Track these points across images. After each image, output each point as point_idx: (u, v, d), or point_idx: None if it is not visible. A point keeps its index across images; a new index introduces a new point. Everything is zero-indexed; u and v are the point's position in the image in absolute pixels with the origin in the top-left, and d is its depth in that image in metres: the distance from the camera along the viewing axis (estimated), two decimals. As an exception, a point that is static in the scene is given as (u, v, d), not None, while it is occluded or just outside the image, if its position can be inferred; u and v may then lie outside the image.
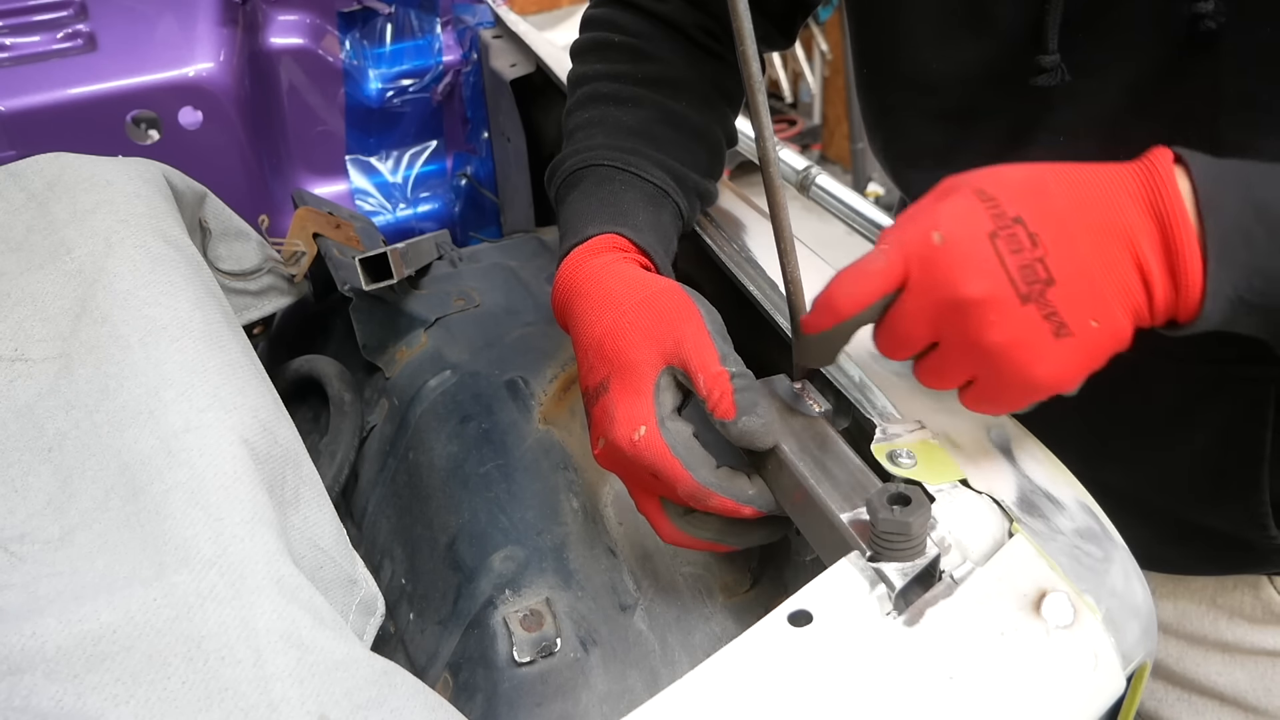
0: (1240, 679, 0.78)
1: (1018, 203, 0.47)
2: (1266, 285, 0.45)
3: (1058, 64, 0.59)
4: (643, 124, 0.73)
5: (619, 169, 0.70)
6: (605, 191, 0.69)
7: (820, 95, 3.67)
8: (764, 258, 0.75)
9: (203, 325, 0.64)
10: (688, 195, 0.73)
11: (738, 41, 0.53)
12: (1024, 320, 0.46)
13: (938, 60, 0.66)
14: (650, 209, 0.69)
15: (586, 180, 0.70)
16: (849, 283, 0.50)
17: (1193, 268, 0.45)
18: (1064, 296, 0.46)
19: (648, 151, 0.71)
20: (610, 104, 0.74)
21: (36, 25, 1.15)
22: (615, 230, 0.65)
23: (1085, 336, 0.46)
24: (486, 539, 0.74)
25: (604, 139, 0.72)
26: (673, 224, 0.71)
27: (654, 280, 0.61)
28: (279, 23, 1.34)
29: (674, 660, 0.65)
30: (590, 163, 0.71)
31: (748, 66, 0.54)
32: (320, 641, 0.47)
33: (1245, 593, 0.76)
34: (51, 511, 0.53)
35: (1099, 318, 0.46)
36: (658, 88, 0.75)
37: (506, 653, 0.65)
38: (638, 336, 0.58)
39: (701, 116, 0.75)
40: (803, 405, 0.59)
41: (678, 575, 0.70)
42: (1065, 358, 0.47)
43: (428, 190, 1.48)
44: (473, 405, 0.86)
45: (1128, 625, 0.49)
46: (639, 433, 0.56)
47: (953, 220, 0.48)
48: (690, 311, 0.58)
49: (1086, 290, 0.46)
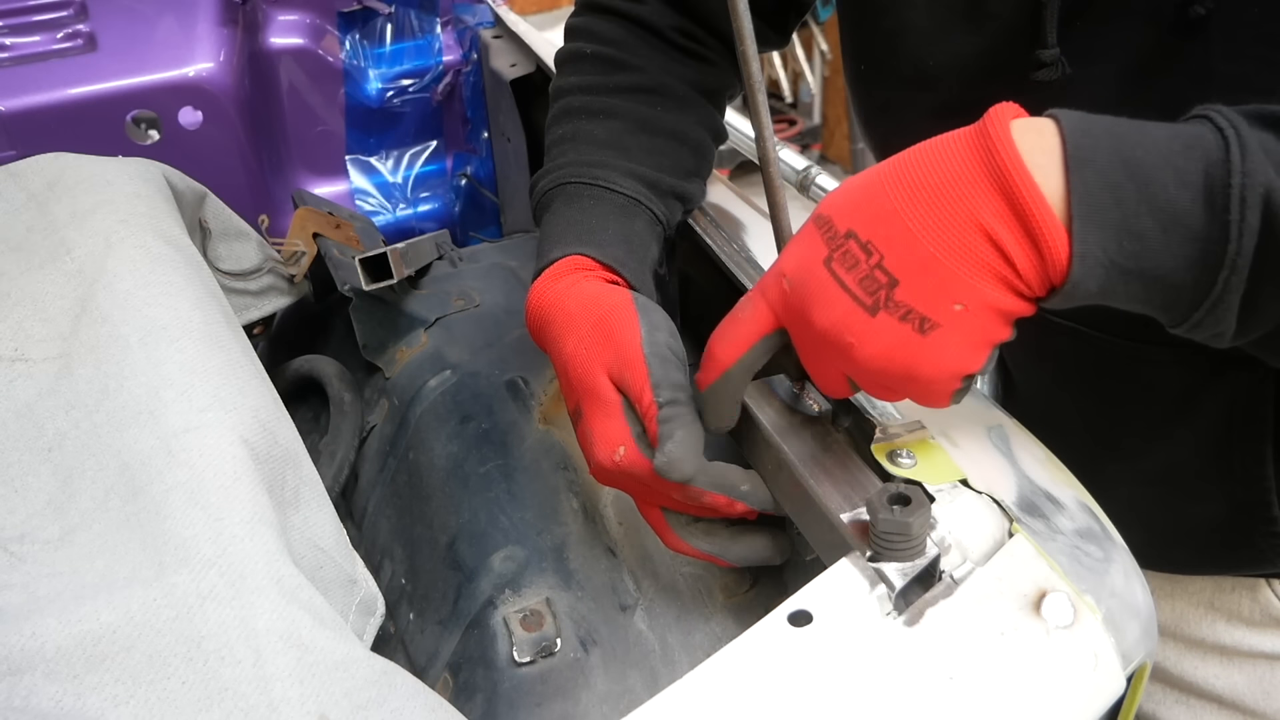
0: (1238, 682, 0.78)
1: (849, 216, 0.47)
2: (1138, 246, 0.43)
3: (1058, 57, 0.59)
4: (612, 135, 0.73)
5: (587, 184, 0.70)
6: (573, 210, 0.70)
7: (820, 95, 3.67)
8: (764, 258, 0.75)
9: (203, 325, 0.64)
10: (664, 199, 0.73)
11: (738, 42, 0.53)
12: (881, 330, 0.46)
13: (935, 55, 0.65)
14: (620, 219, 0.69)
15: (556, 201, 0.71)
16: (724, 333, 0.54)
17: (1049, 226, 0.43)
18: (913, 293, 0.45)
19: (616, 163, 0.71)
20: (582, 118, 0.75)
21: (36, 25, 1.15)
22: (578, 251, 0.66)
23: (955, 322, 0.45)
24: (486, 539, 0.74)
25: (574, 155, 0.73)
26: (649, 231, 0.71)
27: (607, 297, 0.62)
28: (279, 23, 1.34)
29: (674, 660, 0.65)
30: (559, 182, 0.71)
31: (747, 66, 0.54)
32: (320, 641, 0.47)
33: (1243, 595, 0.76)
34: (51, 511, 0.53)
35: (961, 299, 0.44)
36: (631, 95, 0.75)
37: (506, 653, 0.65)
38: (594, 362, 0.59)
39: (680, 118, 0.75)
40: (802, 405, 0.59)
41: (678, 575, 0.70)
42: (944, 347, 0.46)
43: (428, 190, 1.48)
44: (473, 405, 0.86)
45: (1127, 625, 0.49)
46: (619, 453, 0.57)
47: (793, 259, 0.50)
48: (631, 332, 0.58)
49: (935, 279, 0.44)
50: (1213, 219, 0.42)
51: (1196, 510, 0.72)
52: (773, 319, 0.52)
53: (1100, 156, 0.43)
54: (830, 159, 3.80)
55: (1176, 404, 0.69)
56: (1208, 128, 0.43)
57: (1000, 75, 0.63)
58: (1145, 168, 0.42)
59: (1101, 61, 0.59)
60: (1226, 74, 0.54)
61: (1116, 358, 0.49)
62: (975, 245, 0.44)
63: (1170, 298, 0.44)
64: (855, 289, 0.46)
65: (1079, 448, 0.60)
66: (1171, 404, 0.69)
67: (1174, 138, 0.43)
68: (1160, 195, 0.42)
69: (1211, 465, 0.69)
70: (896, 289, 0.45)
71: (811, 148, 3.77)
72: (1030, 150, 0.43)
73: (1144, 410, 0.71)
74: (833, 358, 0.50)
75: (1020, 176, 0.43)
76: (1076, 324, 0.65)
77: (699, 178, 0.78)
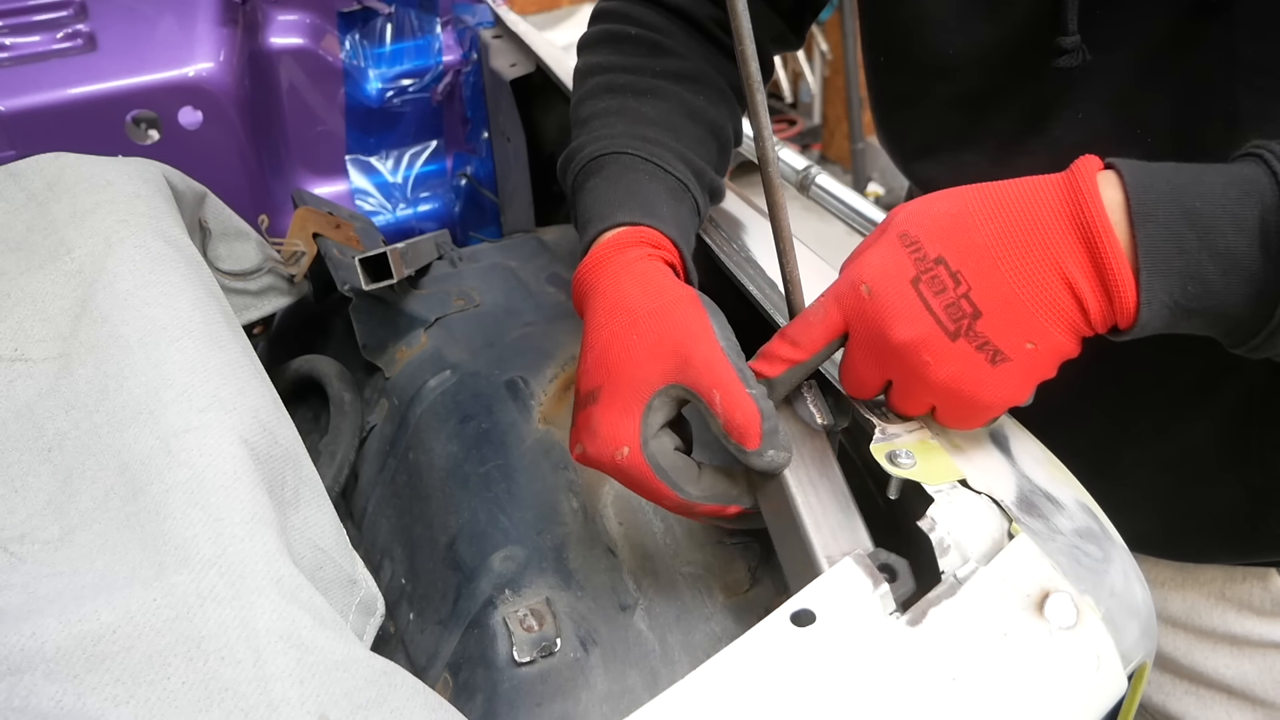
0: (1248, 671, 0.78)
1: (939, 242, 0.49)
2: (1200, 289, 0.46)
3: (1079, 44, 0.60)
4: (663, 116, 0.71)
5: (643, 159, 0.68)
6: (630, 180, 0.67)
7: (820, 95, 3.67)
8: (764, 258, 0.75)
9: (203, 325, 0.64)
10: (704, 190, 0.72)
11: (737, 41, 0.53)
12: (958, 355, 0.49)
13: (954, 44, 0.66)
14: (673, 202, 0.67)
15: (609, 167, 0.68)
16: (795, 333, 0.55)
17: (1124, 279, 0.46)
18: (993, 326, 0.48)
19: (669, 143, 0.70)
20: (628, 95, 0.73)
21: (36, 25, 1.15)
22: (644, 222, 0.63)
23: (1023, 359, 0.48)
24: (486, 539, 0.74)
25: (625, 128, 0.70)
26: (691, 219, 0.70)
27: (671, 288, 0.59)
28: (279, 23, 1.34)
29: (674, 660, 0.65)
30: (613, 150, 0.68)
31: (747, 66, 0.54)
32: (320, 641, 0.47)
33: (1254, 585, 0.76)
34: (51, 511, 0.53)
35: (1034, 339, 0.48)
36: (677, 81, 0.74)
37: (506, 653, 0.65)
38: (642, 352, 0.56)
39: (717, 111, 0.75)
40: (804, 412, 0.59)
41: (678, 575, 0.70)
42: (1008, 380, 0.49)
43: (428, 190, 1.48)
44: (473, 405, 0.86)
45: (1127, 625, 0.49)
46: (622, 453, 0.56)
47: (877, 271, 0.51)
48: (704, 328, 0.56)
49: (1015, 317, 0.48)
50: (1268, 261, 0.45)
51: (1213, 496, 0.72)
52: (843, 324, 0.53)
53: (1163, 210, 0.46)
54: (830, 159, 3.80)
55: (1194, 390, 0.69)
56: (1262, 169, 0.46)
57: (1020, 63, 0.63)
58: (1205, 217, 0.46)
59: (1121, 48, 0.59)
60: (1249, 58, 0.55)
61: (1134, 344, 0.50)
62: (1054, 289, 0.47)
63: (1229, 327, 0.48)
64: (940, 313, 0.48)
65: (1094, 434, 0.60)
66: (1189, 390, 0.69)
67: (1230, 184, 0.46)
68: (1219, 242, 0.45)
69: (1229, 451, 0.69)
70: (979, 320, 0.48)
71: (811, 148, 3.77)
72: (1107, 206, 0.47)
73: (1161, 396, 0.71)
74: (897, 369, 0.51)
75: (1107, 236, 0.46)
76: None
77: (722, 175, 0.77)
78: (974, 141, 0.69)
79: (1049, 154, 0.64)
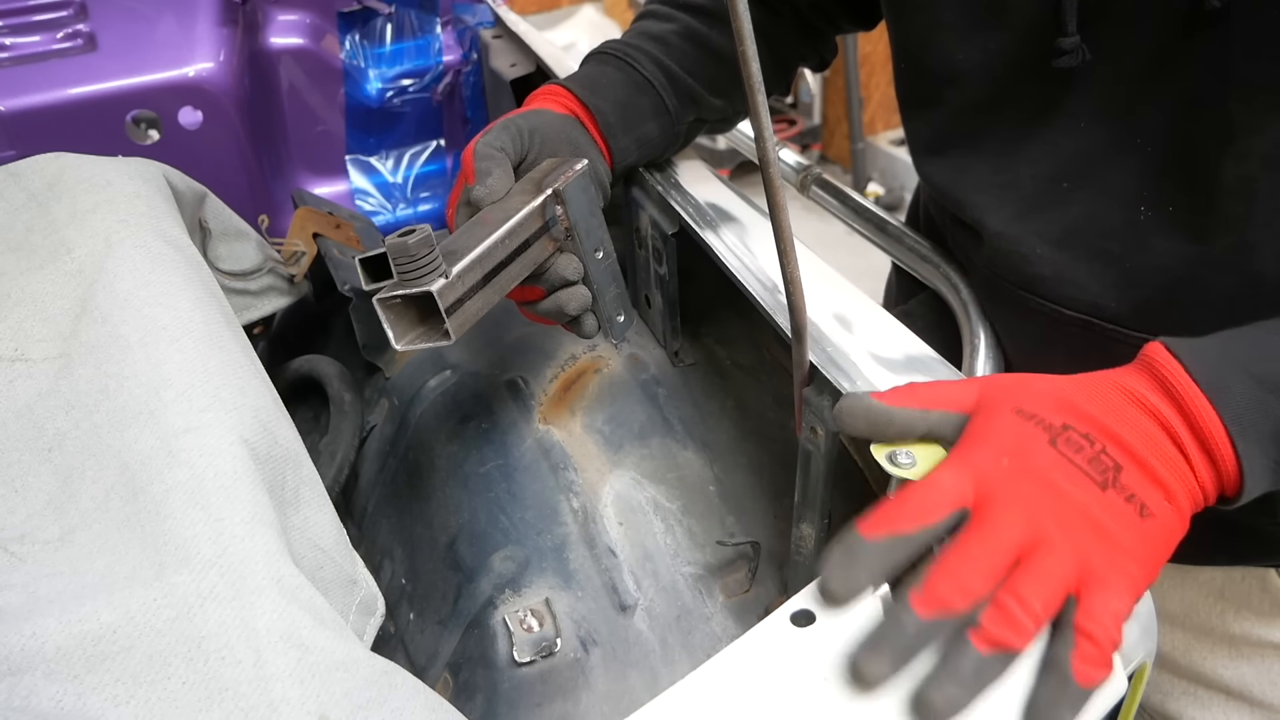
0: (1246, 672, 0.78)
1: (1058, 414, 0.49)
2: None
3: (1078, 45, 0.60)
4: (662, 33, 0.84)
5: (615, 56, 0.82)
6: (591, 67, 0.82)
7: (820, 95, 3.67)
8: (764, 258, 0.75)
9: (203, 325, 0.64)
10: (679, 96, 0.82)
11: (737, 42, 0.53)
12: (1110, 504, 0.46)
13: (963, 51, 0.67)
14: (627, 89, 0.80)
15: (588, 64, 0.83)
16: (919, 496, 0.46)
17: (1223, 447, 0.47)
18: (1135, 480, 0.47)
19: (651, 51, 0.82)
20: (647, 18, 0.87)
21: (36, 25, 1.15)
22: (564, 84, 0.79)
23: (1164, 516, 0.47)
24: (486, 539, 0.74)
25: (623, 39, 0.84)
26: (651, 112, 0.81)
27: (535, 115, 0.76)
28: (279, 23, 1.33)
29: (674, 660, 0.65)
30: (597, 51, 0.83)
31: (747, 67, 0.54)
32: (320, 641, 0.47)
33: (1253, 586, 0.76)
34: (51, 511, 0.53)
35: (1169, 498, 0.48)
36: (693, 13, 0.85)
37: (506, 653, 0.65)
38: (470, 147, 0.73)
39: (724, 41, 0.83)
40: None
41: (678, 575, 0.70)
42: (1153, 538, 0.47)
43: (428, 190, 1.48)
44: (473, 405, 0.86)
45: (1127, 626, 0.49)
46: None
47: (1011, 440, 0.48)
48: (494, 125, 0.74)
49: (1151, 474, 0.48)
50: None
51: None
52: (970, 498, 0.47)
53: (1234, 382, 0.48)
54: (830, 159, 3.80)
55: None
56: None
57: (1022, 68, 0.64)
58: (1275, 376, 0.48)
59: (1119, 54, 0.60)
60: (1244, 72, 0.55)
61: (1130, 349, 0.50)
62: (1172, 457, 0.48)
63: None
64: (1086, 466, 0.48)
65: None
66: None
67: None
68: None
69: None
70: (1122, 473, 0.47)
71: (811, 148, 3.77)
72: None
73: None
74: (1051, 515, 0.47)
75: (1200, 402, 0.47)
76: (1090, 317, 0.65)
77: (727, 99, 0.85)
78: (978, 147, 0.69)
79: (1049, 160, 0.64)
